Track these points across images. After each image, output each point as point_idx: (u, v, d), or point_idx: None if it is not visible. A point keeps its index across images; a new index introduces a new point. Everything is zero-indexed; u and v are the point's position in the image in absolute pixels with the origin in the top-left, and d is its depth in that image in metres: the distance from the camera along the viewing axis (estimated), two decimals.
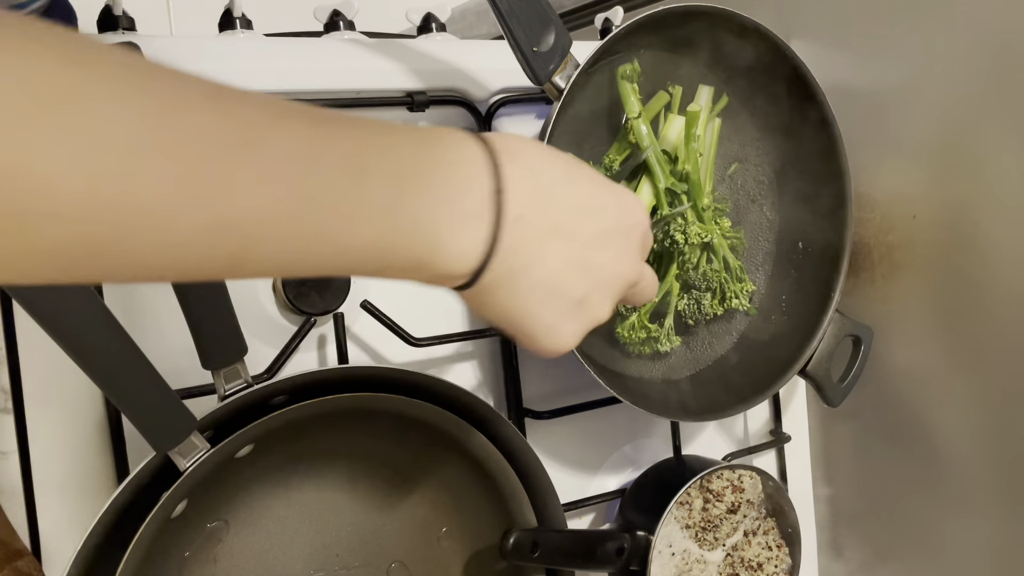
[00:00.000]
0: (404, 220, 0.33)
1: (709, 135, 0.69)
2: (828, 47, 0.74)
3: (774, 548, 0.69)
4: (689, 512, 0.66)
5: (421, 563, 0.62)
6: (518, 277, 0.37)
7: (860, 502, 0.80)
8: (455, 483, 0.62)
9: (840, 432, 0.81)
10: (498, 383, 0.69)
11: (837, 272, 0.71)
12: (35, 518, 0.52)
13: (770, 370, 0.70)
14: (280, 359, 0.58)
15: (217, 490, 0.54)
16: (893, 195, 0.72)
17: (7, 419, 0.52)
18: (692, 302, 0.70)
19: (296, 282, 0.59)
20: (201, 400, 0.55)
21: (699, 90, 0.69)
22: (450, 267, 0.35)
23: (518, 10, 0.57)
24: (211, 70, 0.62)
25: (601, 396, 0.70)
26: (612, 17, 0.77)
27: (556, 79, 0.59)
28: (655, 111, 0.67)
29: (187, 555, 0.54)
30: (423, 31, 0.72)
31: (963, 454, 0.70)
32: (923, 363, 0.72)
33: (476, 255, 0.36)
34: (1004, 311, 0.65)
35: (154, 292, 0.56)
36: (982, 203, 0.66)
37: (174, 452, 0.48)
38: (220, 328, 0.50)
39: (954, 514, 0.71)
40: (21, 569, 0.49)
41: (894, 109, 0.71)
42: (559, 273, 0.39)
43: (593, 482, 0.73)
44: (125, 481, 0.47)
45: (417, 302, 0.65)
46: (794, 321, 0.72)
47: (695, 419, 0.69)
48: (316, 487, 0.58)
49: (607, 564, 0.60)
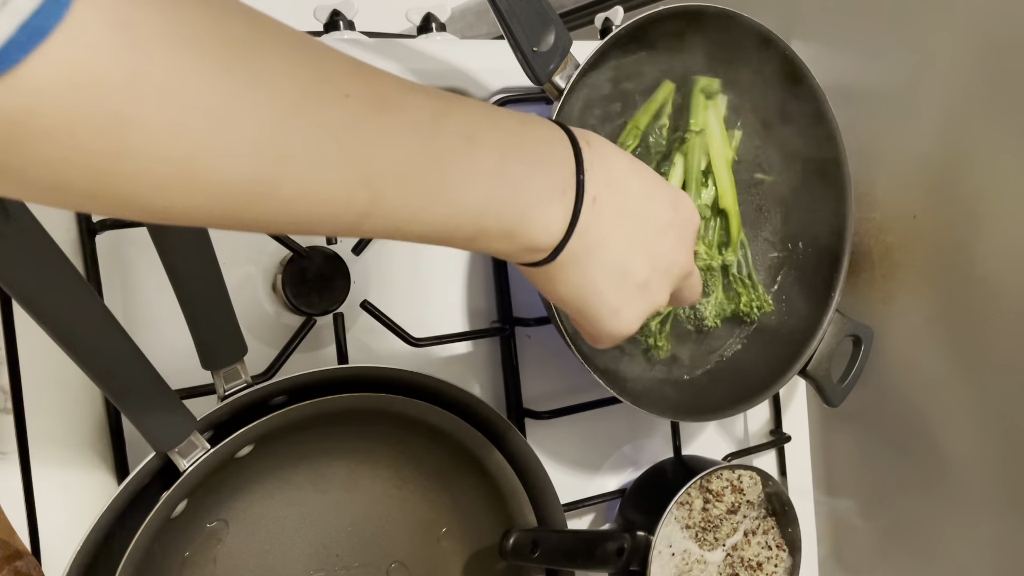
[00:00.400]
0: (506, 186, 0.36)
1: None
2: (828, 47, 0.74)
3: (774, 548, 0.69)
4: (689, 512, 0.66)
5: (421, 563, 0.62)
6: (591, 255, 0.40)
7: (860, 502, 0.80)
8: (455, 483, 0.62)
9: (840, 432, 0.81)
10: (498, 383, 0.69)
11: (837, 272, 0.71)
12: (35, 518, 0.52)
13: (770, 370, 0.70)
14: (280, 359, 0.58)
15: (217, 490, 0.54)
16: (893, 195, 0.72)
17: (7, 419, 0.52)
18: (688, 307, 0.70)
19: (296, 282, 0.59)
20: (201, 400, 0.55)
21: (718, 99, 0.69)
22: (536, 238, 0.38)
23: (518, 10, 0.57)
24: None
25: (601, 396, 0.70)
26: (612, 17, 0.77)
27: (556, 79, 0.59)
28: (659, 103, 0.67)
29: (187, 555, 0.54)
30: (423, 31, 0.72)
31: (963, 454, 0.70)
32: (923, 363, 0.72)
33: (559, 229, 0.38)
34: (1004, 311, 0.65)
35: (154, 292, 0.56)
36: (982, 203, 0.66)
37: (174, 452, 0.48)
38: (220, 328, 0.50)
39: (954, 514, 0.71)
40: (21, 569, 0.49)
41: (894, 109, 0.71)
42: (627, 254, 0.41)
43: (593, 482, 0.73)
44: (125, 481, 0.47)
45: (417, 302, 0.65)
46: (794, 321, 0.72)
47: (695, 419, 0.69)
48: (316, 487, 0.58)
49: (607, 564, 0.60)
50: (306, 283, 0.59)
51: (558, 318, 0.59)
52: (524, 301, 0.69)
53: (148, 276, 0.56)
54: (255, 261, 0.60)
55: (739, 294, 0.71)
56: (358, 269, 0.62)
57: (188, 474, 0.48)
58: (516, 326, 0.68)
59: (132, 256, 0.56)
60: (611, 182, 0.40)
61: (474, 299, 0.68)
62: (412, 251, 0.65)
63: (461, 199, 0.34)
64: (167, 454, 0.48)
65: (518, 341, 0.68)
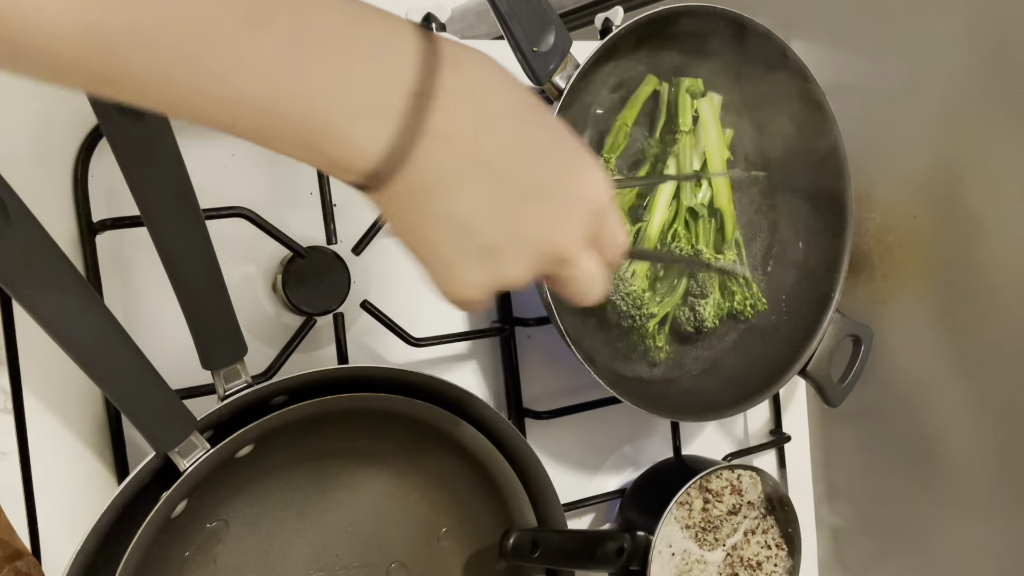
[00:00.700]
0: (297, 86, 0.30)
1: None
2: (828, 47, 0.74)
3: (773, 547, 0.69)
4: (689, 512, 0.66)
5: (421, 563, 0.62)
6: (429, 199, 0.34)
7: (860, 502, 0.80)
8: (455, 483, 0.62)
9: (840, 432, 0.81)
10: (498, 383, 0.69)
11: (837, 272, 0.71)
12: (35, 518, 0.52)
13: (770, 370, 0.70)
14: (280, 359, 0.58)
15: (217, 490, 0.54)
16: (893, 195, 0.72)
17: (7, 419, 0.52)
18: (687, 309, 0.70)
19: (296, 282, 0.59)
20: (201, 400, 0.55)
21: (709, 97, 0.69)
22: (342, 156, 0.32)
23: (518, 10, 0.57)
24: None
25: (601, 396, 0.70)
26: (612, 17, 0.77)
27: (556, 79, 0.59)
28: (643, 99, 0.67)
29: (187, 555, 0.54)
30: None
31: (963, 454, 0.70)
32: (923, 363, 0.72)
33: (376, 153, 0.32)
34: (1004, 311, 0.65)
35: (154, 292, 0.56)
36: (982, 203, 0.66)
37: (174, 452, 0.48)
38: (220, 328, 0.50)
39: (954, 514, 0.71)
40: (21, 569, 0.49)
41: (894, 109, 0.71)
42: (472, 211, 0.35)
43: (593, 482, 0.73)
44: (125, 481, 0.47)
45: (417, 302, 0.65)
46: (794, 321, 0.72)
47: (695, 419, 0.69)
48: (316, 487, 0.58)
49: (607, 564, 0.60)
50: (306, 283, 0.59)
51: (558, 318, 0.59)
52: (524, 301, 0.69)
53: (148, 276, 0.56)
54: (255, 261, 0.60)
55: (733, 293, 0.71)
56: (358, 269, 0.62)
57: (188, 474, 0.48)
58: (516, 326, 0.68)
59: (132, 256, 0.56)
60: (475, 122, 0.34)
61: None
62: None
63: (226, 91, 0.29)
64: (167, 454, 0.48)
65: (518, 341, 0.68)
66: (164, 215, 0.47)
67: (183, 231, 0.48)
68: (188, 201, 0.48)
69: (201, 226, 0.48)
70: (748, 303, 0.71)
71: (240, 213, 0.56)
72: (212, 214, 0.55)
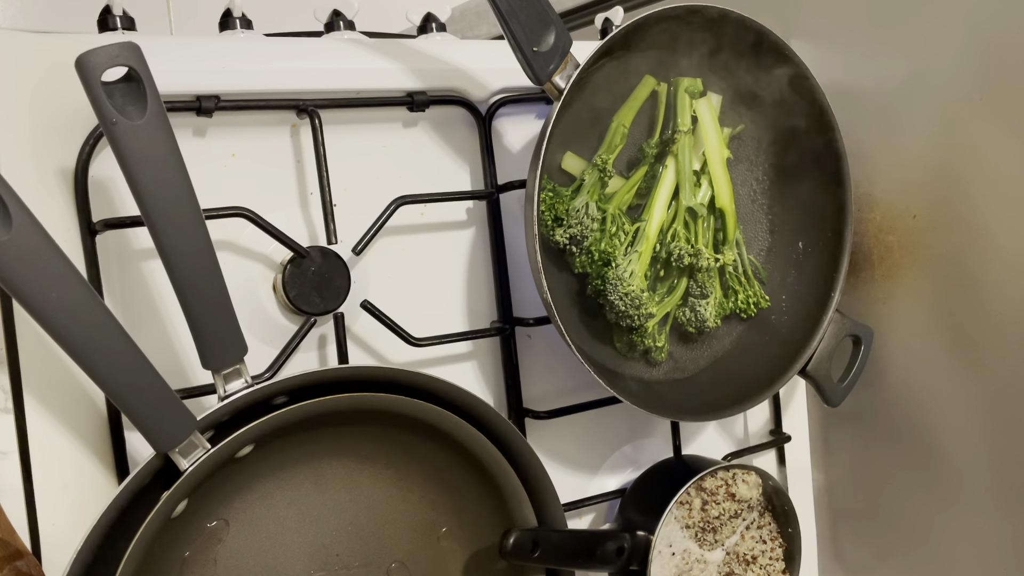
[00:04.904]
0: None
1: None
2: (828, 47, 0.74)
3: (768, 541, 0.69)
4: (689, 512, 0.66)
5: (421, 563, 0.62)
6: None
7: (860, 502, 0.80)
8: (455, 483, 0.62)
9: (840, 432, 0.81)
10: (498, 383, 0.69)
11: (837, 272, 0.71)
12: (35, 518, 0.52)
13: (770, 370, 0.70)
14: (280, 359, 0.58)
15: (217, 490, 0.54)
16: (893, 195, 0.72)
17: (7, 419, 0.52)
18: (688, 310, 0.70)
19: (296, 282, 0.59)
20: (201, 400, 0.55)
21: (708, 97, 0.69)
22: None
23: (518, 10, 0.57)
24: (211, 70, 0.62)
25: (601, 396, 0.70)
26: (612, 17, 0.77)
27: (556, 79, 0.59)
28: (641, 99, 0.67)
29: (187, 555, 0.54)
30: (423, 31, 0.72)
31: (963, 454, 0.70)
32: (923, 363, 0.72)
33: None
34: (1004, 311, 0.65)
35: (154, 292, 0.56)
36: (982, 203, 0.66)
37: (174, 452, 0.48)
38: (220, 328, 0.50)
39: (954, 514, 0.71)
40: (21, 569, 0.49)
41: (894, 109, 0.71)
42: None
43: (593, 482, 0.73)
44: (125, 481, 0.47)
45: (417, 302, 0.65)
46: (794, 321, 0.72)
47: (695, 419, 0.69)
48: (316, 487, 0.58)
49: (607, 564, 0.60)
50: (306, 283, 0.59)
51: (558, 318, 0.59)
52: (524, 301, 0.69)
53: (148, 276, 0.56)
54: (255, 261, 0.60)
55: (735, 291, 0.71)
56: (358, 269, 0.62)
57: (188, 474, 0.48)
58: (516, 326, 0.68)
59: (132, 256, 0.56)
60: None
61: (474, 299, 0.68)
62: (412, 251, 0.65)
63: None
64: (167, 454, 0.48)
65: (518, 341, 0.68)
66: (164, 215, 0.47)
67: (183, 231, 0.48)
68: (188, 201, 0.48)
69: (201, 226, 0.48)
70: (751, 301, 0.71)
71: (240, 213, 0.56)
72: (212, 214, 0.55)
